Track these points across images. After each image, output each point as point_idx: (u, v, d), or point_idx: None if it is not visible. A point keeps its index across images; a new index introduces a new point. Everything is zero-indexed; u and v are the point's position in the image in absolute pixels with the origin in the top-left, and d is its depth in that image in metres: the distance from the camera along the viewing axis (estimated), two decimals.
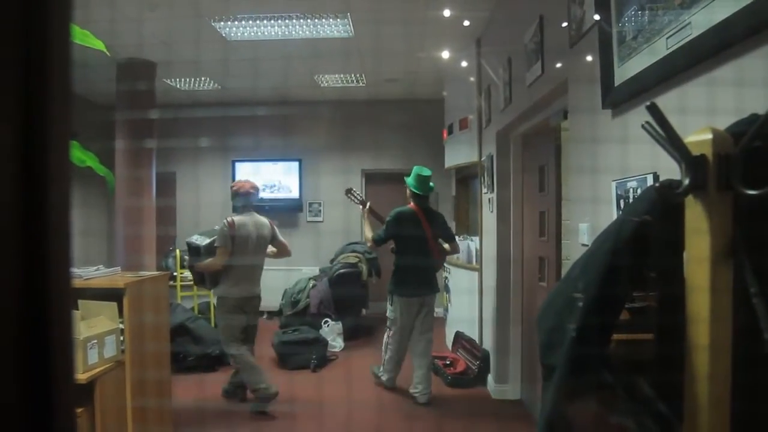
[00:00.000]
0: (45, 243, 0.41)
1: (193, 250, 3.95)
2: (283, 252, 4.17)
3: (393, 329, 4.21)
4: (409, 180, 4.19)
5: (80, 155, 2.03)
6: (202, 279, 4.02)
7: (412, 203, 4.19)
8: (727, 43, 1.24)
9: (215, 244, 3.84)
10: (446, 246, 4.32)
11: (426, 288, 4.16)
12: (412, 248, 4.06)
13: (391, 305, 4.19)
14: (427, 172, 4.18)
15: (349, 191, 4.66)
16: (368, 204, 4.44)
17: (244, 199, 3.99)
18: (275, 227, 4.11)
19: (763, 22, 1.12)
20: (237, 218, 3.89)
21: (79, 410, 2.39)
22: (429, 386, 4.14)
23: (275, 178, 7.69)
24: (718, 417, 0.79)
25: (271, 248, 4.12)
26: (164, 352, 3.17)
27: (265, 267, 4.10)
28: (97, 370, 2.50)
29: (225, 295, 3.89)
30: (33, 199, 0.40)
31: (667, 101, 1.51)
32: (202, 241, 3.92)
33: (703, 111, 1.34)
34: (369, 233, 4.24)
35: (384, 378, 4.40)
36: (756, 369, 0.76)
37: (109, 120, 5.77)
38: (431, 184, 4.23)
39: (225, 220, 3.86)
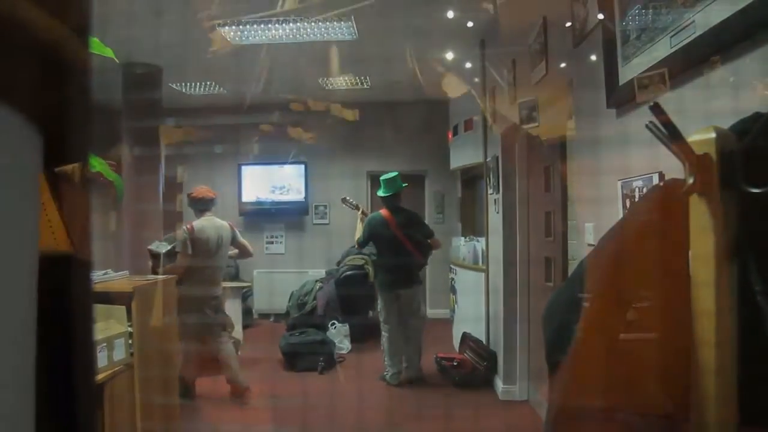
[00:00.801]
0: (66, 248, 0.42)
1: (155, 257, 4.09)
2: (244, 253, 4.42)
3: (381, 321, 4.59)
4: (378, 191, 4.59)
5: (91, 161, 2.05)
6: None
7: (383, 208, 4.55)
8: (730, 42, 1.25)
9: (176, 249, 4.02)
10: (430, 242, 4.60)
11: (401, 282, 4.48)
12: (386, 248, 4.51)
13: (378, 300, 4.67)
14: (390, 175, 4.54)
15: (344, 200, 5.17)
16: (362, 209, 4.93)
17: (203, 204, 4.19)
18: (235, 229, 4.33)
19: (765, 21, 1.12)
20: (196, 223, 4.09)
21: None
22: (414, 363, 4.43)
23: (281, 181, 7.72)
24: (725, 410, 0.79)
25: (232, 250, 4.31)
26: (172, 354, 3.20)
27: (271, 269, 4.18)
28: (107, 373, 2.52)
29: (185, 294, 3.98)
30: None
31: (670, 100, 1.51)
32: (163, 248, 4.08)
33: (707, 110, 1.34)
34: (357, 235, 4.66)
35: (387, 375, 4.55)
36: (761, 365, 0.77)
37: (116, 125, 5.81)
38: (402, 184, 4.57)
39: (184, 226, 4.06)
